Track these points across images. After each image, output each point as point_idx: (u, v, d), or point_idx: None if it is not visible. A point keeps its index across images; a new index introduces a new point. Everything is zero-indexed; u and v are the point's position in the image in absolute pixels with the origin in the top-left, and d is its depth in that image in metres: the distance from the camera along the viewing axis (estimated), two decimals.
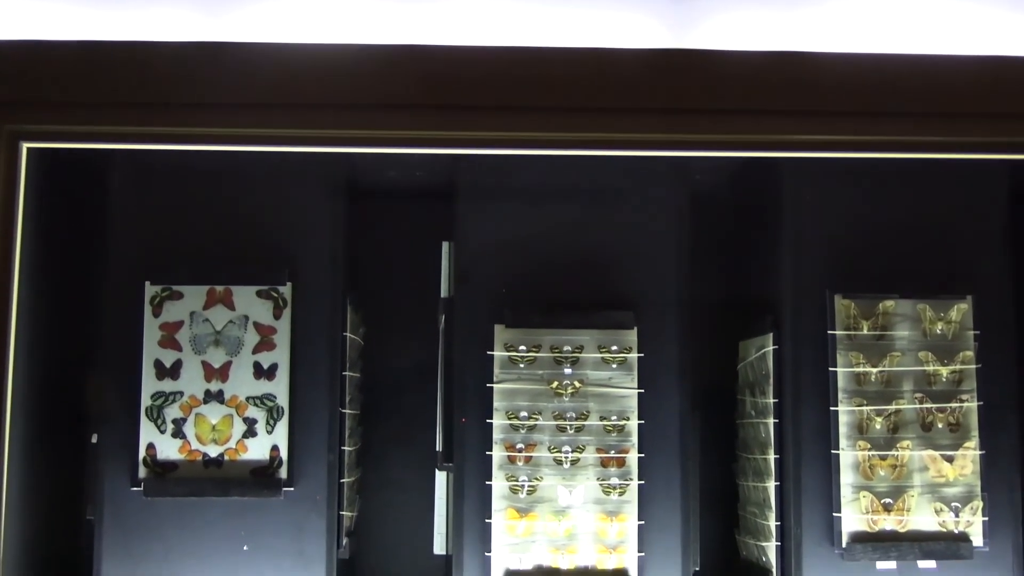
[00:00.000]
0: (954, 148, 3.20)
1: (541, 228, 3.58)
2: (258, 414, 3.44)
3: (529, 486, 3.47)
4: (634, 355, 3.52)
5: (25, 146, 3.12)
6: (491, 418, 3.48)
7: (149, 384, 3.43)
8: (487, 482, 3.47)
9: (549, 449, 3.49)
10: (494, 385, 3.50)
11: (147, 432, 3.42)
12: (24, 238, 3.14)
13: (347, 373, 3.57)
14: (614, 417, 3.51)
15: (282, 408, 3.44)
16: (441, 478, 3.73)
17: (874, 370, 3.49)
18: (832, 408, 3.47)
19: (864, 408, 3.48)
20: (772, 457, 3.55)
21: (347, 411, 3.58)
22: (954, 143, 3.18)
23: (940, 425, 3.48)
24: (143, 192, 3.52)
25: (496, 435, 3.48)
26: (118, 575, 3.39)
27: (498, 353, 3.51)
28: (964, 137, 3.16)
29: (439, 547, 3.71)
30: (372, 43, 3.09)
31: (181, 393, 3.43)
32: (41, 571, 3.47)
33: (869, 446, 3.46)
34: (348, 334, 3.58)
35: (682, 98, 3.14)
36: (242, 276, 3.48)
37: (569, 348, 3.52)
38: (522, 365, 3.51)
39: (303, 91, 3.10)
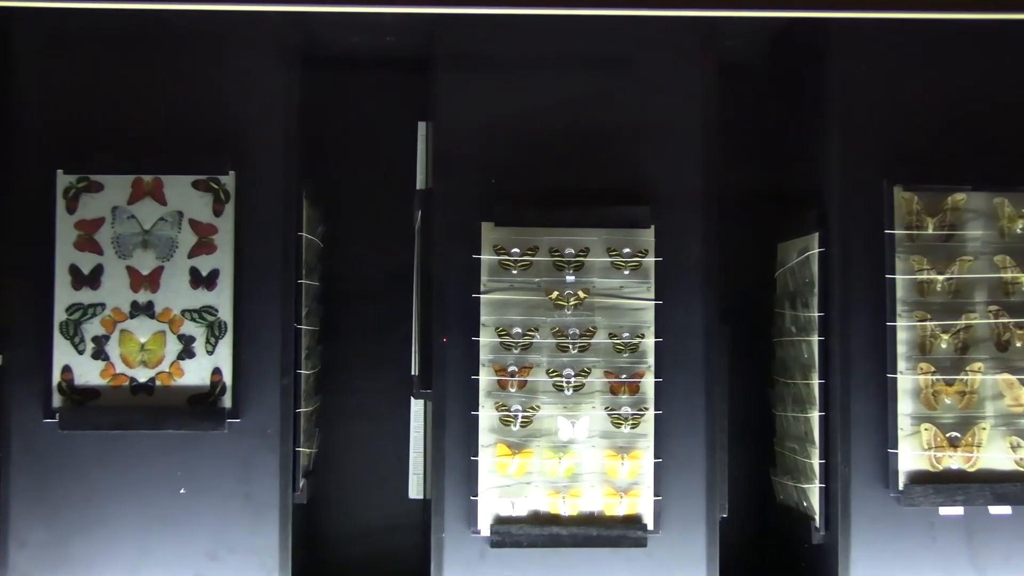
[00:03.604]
0: None
1: (538, 105, 3.59)
2: (196, 330, 3.48)
3: (523, 417, 3.50)
4: (650, 259, 3.54)
5: None
6: (478, 335, 3.51)
7: (63, 294, 3.46)
8: (473, 412, 3.50)
9: (548, 372, 3.52)
10: (481, 295, 3.51)
11: (62, 353, 3.45)
12: None
13: (303, 281, 3.59)
14: (626, 334, 3.53)
15: (225, 323, 3.48)
16: (418, 407, 3.80)
17: (940, 277, 3.51)
18: (889, 323, 3.50)
19: (927, 323, 3.50)
20: (816, 382, 3.58)
21: (303, 327, 3.60)
22: None
23: (1019, 344, 3.51)
24: (54, 63, 3.53)
25: (484, 355, 3.51)
26: (31, 522, 3.45)
27: (486, 257, 3.52)
28: None
29: (415, 490, 3.78)
30: None
31: (103, 305, 3.47)
32: None
33: (933, 369, 3.49)
34: (304, 234, 3.60)
35: None
36: (175, 163, 3.50)
37: (572, 251, 3.54)
38: (515, 271, 3.52)
39: None
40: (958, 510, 3.46)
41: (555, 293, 3.52)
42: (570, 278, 3.52)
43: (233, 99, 3.54)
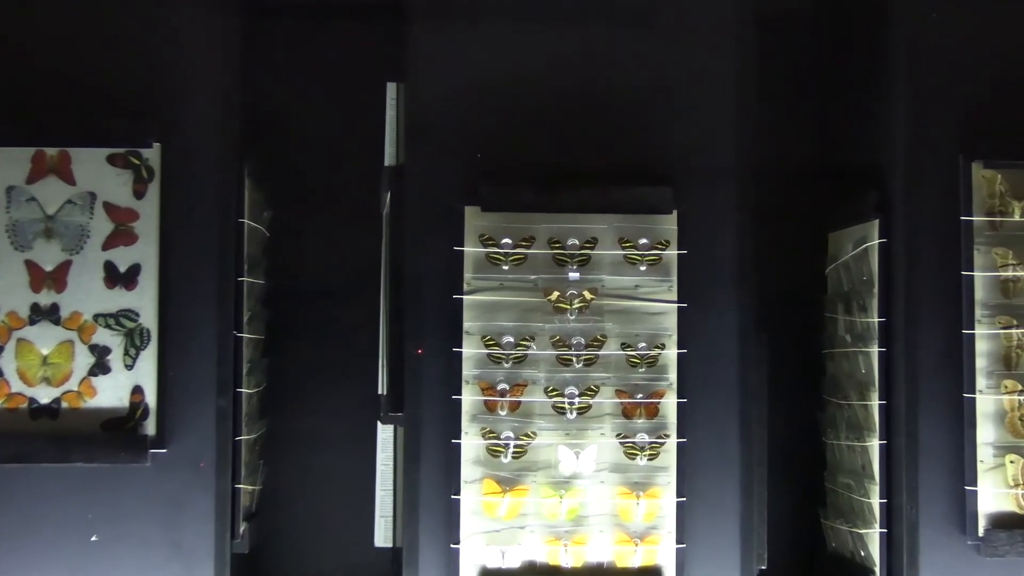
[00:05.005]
0: None
1: (535, 62, 3.54)
2: (112, 340, 3.41)
3: (516, 446, 3.43)
4: (673, 252, 3.47)
5: None
6: (460, 345, 3.45)
7: None
8: (454, 440, 3.43)
9: (546, 391, 3.45)
10: (464, 296, 3.44)
11: None
12: None
13: (245, 278, 3.53)
14: (642, 344, 3.46)
15: (147, 331, 3.41)
16: (386, 434, 3.76)
17: None
18: (966, 331, 3.42)
19: (1013, 331, 3.44)
20: (876, 403, 3.52)
21: (245, 335, 3.54)
22: None
23: None
24: None
25: (468, 370, 3.44)
26: None
27: (470, 249, 3.45)
28: None
29: (382, 537, 3.74)
30: None
31: None
32: None
33: (1020, 387, 3.43)
34: (246, 221, 3.54)
35: None
36: (86, 133, 3.43)
37: (576, 241, 3.47)
38: (506, 267, 3.45)
39: None
40: None
41: (555, 294, 3.45)
42: (574, 275, 3.46)
43: (159, 54, 3.47)
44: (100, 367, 3.38)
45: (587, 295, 3.44)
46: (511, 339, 3.43)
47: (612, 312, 3.46)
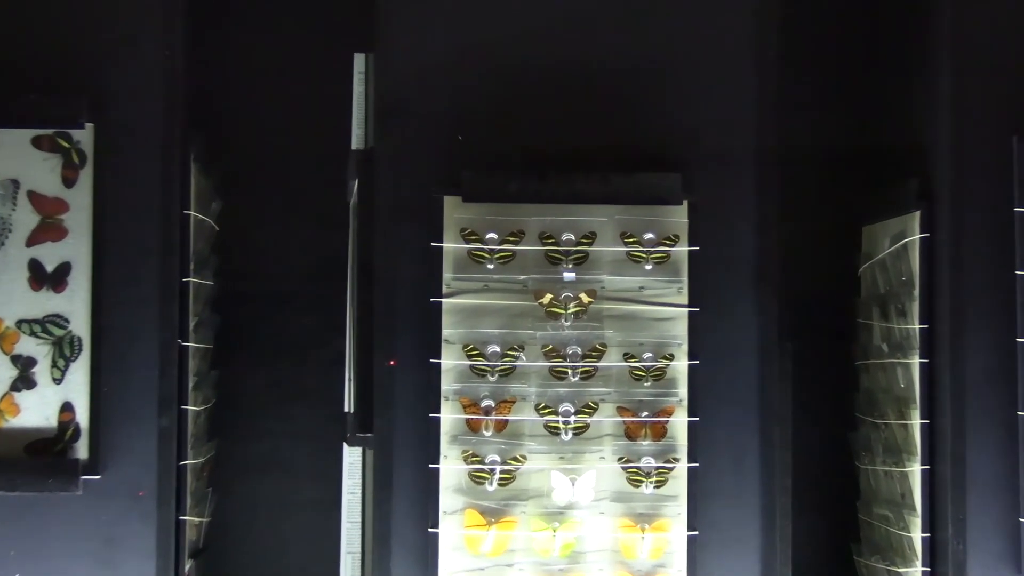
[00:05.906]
0: None
1: (523, 30, 3.51)
2: (38, 349, 3.37)
3: (503, 472, 3.38)
4: (683, 248, 3.42)
5: None
6: (438, 356, 3.41)
7: None
8: (431, 465, 3.38)
9: (537, 409, 3.40)
10: (443, 299, 3.40)
11: None
12: None
13: (192, 279, 3.51)
14: (648, 354, 3.41)
15: (79, 339, 3.37)
16: (354, 458, 3.72)
17: None
18: (1020, 339, 3.37)
19: None
20: (917, 422, 3.48)
21: (191, 344, 3.53)
22: None
23: None
24: None
25: (447, 385, 3.40)
26: None
27: (450, 245, 3.41)
28: None
29: (350, 575, 3.72)
30: None
31: None
32: None
33: None
34: (193, 212, 3.51)
35: None
36: (7, 112, 3.40)
37: (571, 237, 3.43)
38: (491, 266, 3.41)
39: None
40: None
41: (548, 296, 3.40)
42: (569, 275, 3.41)
43: (91, 21, 3.43)
44: (24, 381, 3.32)
45: (584, 298, 3.39)
46: (497, 348, 3.38)
47: (613, 317, 3.40)
